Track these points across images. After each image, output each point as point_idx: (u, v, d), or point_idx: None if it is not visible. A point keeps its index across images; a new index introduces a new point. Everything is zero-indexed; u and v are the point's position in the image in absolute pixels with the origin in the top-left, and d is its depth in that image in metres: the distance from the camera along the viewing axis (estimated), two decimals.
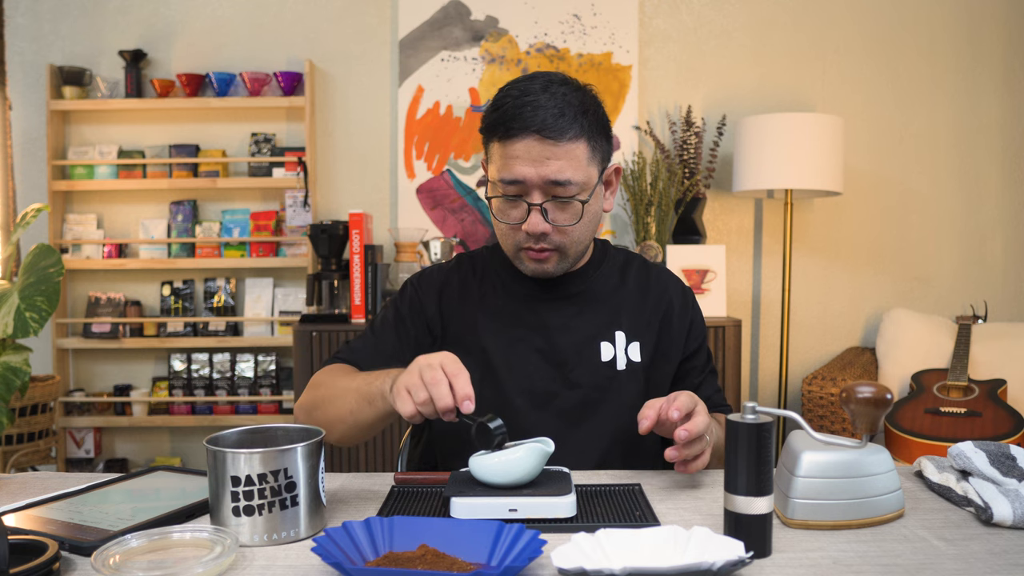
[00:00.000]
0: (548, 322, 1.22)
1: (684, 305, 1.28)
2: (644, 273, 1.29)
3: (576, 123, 1.10)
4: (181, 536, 0.80)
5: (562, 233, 1.14)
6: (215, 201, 2.98)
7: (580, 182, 1.11)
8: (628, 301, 1.25)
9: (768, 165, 2.56)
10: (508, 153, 1.11)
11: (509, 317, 1.23)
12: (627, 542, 0.74)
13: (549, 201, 1.11)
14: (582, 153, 1.11)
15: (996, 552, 0.78)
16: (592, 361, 1.20)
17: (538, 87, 1.11)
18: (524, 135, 1.09)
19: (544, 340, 1.21)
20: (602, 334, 1.22)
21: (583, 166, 1.12)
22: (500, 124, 1.11)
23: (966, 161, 2.95)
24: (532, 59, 2.88)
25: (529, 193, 1.11)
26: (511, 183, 1.11)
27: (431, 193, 2.90)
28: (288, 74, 2.85)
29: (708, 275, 2.61)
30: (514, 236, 1.16)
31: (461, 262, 1.30)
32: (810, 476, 0.86)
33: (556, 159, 1.09)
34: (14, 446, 2.57)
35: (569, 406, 1.19)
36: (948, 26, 2.91)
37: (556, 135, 1.09)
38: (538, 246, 1.14)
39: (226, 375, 2.90)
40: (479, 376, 1.20)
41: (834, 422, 2.40)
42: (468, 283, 1.27)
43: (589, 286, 1.25)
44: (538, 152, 1.09)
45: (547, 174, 1.09)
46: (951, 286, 2.97)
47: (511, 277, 1.25)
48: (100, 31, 2.93)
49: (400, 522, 0.78)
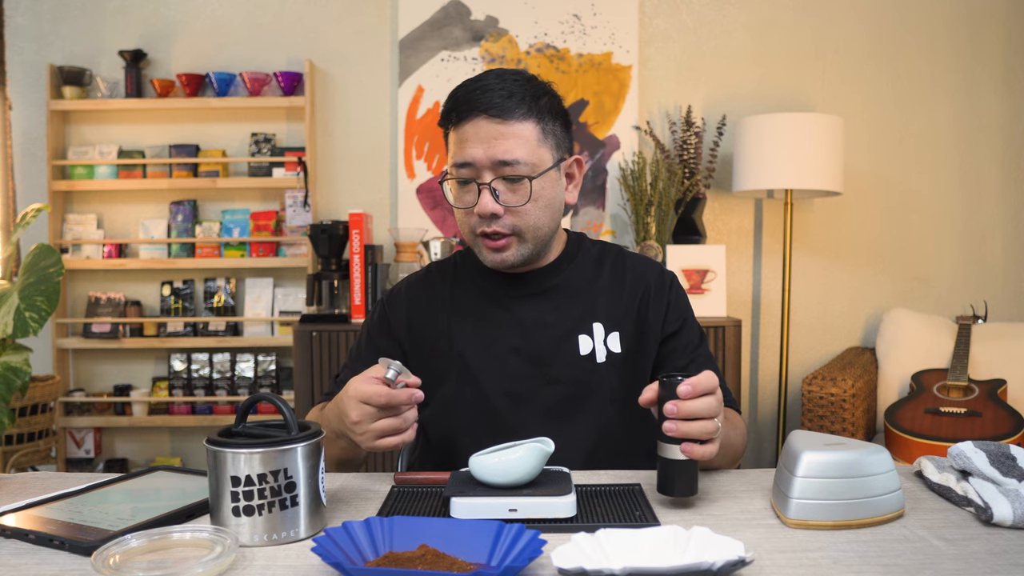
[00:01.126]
0: (523, 319, 1.21)
1: (661, 287, 1.24)
2: (620, 263, 1.27)
3: (524, 104, 1.12)
4: (181, 536, 0.80)
5: (515, 215, 1.13)
6: (215, 201, 2.98)
7: (530, 162, 1.12)
8: (604, 291, 1.23)
9: (768, 165, 2.56)
10: (460, 137, 1.13)
11: (483, 318, 1.22)
12: (627, 542, 0.74)
13: (498, 181, 1.12)
14: (531, 134, 1.12)
15: (996, 552, 0.78)
16: (571, 355, 1.19)
17: (491, 76, 1.14)
18: (473, 116, 1.11)
19: (520, 338, 1.20)
20: (579, 327, 1.20)
21: (532, 147, 1.12)
22: (452, 111, 1.14)
23: (966, 161, 2.95)
24: (532, 59, 2.88)
25: (479, 174, 1.12)
26: (462, 166, 1.13)
27: (431, 193, 2.90)
28: (288, 74, 2.85)
29: (708, 275, 2.61)
30: (469, 222, 1.16)
31: (430, 272, 1.30)
32: (810, 476, 0.86)
33: (504, 139, 1.11)
34: (14, 446, 2.57)
35: (551, 403, 1.17)
36: (948, 26, 2.91)
37: (504, 114, 1.11)
38: (491, 229, 1.13)
39: (226, 375, 2.90)
40: (457, 381, 1.20)
41: (834, 422, 2.41)
42: (438, 292, 1.26)
43: (563, 279, 1.23)
44: (486, 132, 1.11)
45: (495, 154, 1.10)
46: (951, 286, 2.97)
47: (482, 277, 1.25)
48: (100, 31, 2.93)
49: (400, 522, 0.78)
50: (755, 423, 2.99)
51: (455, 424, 1.19)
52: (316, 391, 2.44)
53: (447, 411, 1.21)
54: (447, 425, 1.21)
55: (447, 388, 1.21)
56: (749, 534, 0.84)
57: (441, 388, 1.21)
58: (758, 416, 2.99)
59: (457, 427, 1.19)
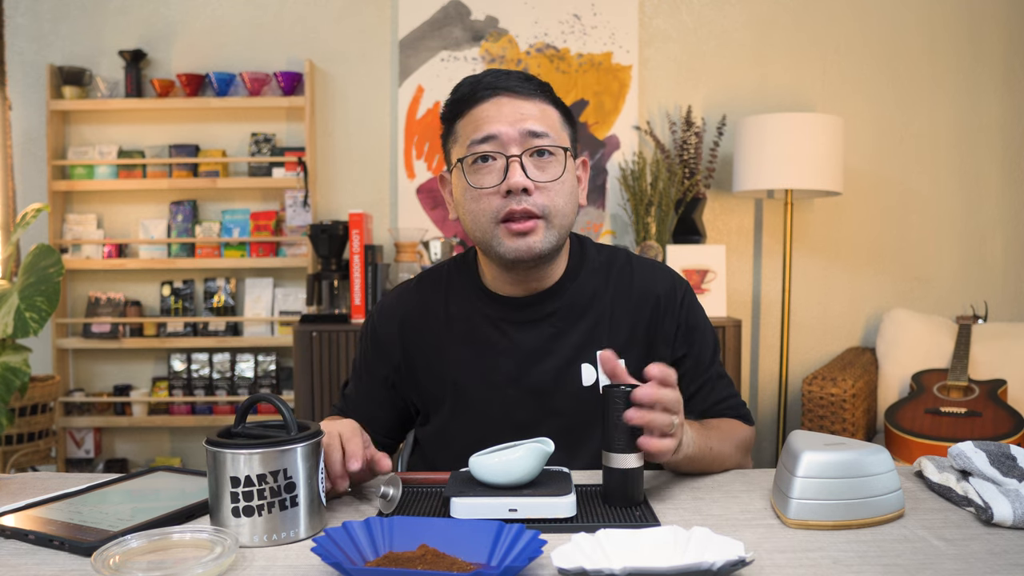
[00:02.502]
0: (523, 347, 1.13)
1: (671, 303, 1.16)
2: (627, 273, 1.17)
3: (542, 91, 1.08)
4: (181, 536, 0.80)
5: (545, 194, 1.04)
6: (215, 201, 2.98)
7: (557, 137, 1.06)
8: (609, 310, 1.14)
9: (768, 165, 2.56)
10: (477, 116, 1.05)
11: (480, 343, 1.14)
12: (627, 542, 0.74)
13: (527, 155, 1.04)
14: (554, 115, 1.08)
15: (996, 552, 0.78)
16: (572, 387, 1.12)
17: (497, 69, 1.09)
18: (493, 95, 1.05)
19: (519, 368, 1.12)
20: (581, 356, 1.12)
21: (557, 126, 1.08)
22: (465, 96, 1.07)
23: (966, 161, 2.95)
24: (532, 59, 2.88)
25: (506, 147, 1.03)
26: (484, 140, 1.04)
27: (431, 193, 2.90)
28: (288, 74, 2.85)
29: (708, 275, 2.61)
30: (491, 206, 1.04)
31: (422, 282, 1.21)
32: (810, 476, 0.86)
33: (530, 113, 1.05)
34: (14, 446, 2.57)
35: (550, 434, 1.08)
36: (948, 26, 2.91)
37: (527, 93, 1.06)
38: (520, 207, 1.02)
39: (226, 375, 2.90)
40: (451, 410, 1.15)
41: (834, 422, 2.40)
42: (431, 307, 1.18)
43: (565, 302, 1.13)
44: (510, 108, 1.04)
45: (523, 124, 1.04)
46: (951, 286, 2.97)
47: (479, 297, 1.15)
48: (100, 31, 2.93)
49: (400, 522, 0.78)
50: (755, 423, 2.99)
51: (451, 453, 1.15)
52: (316, 391, 2.44)
53: (443, 439, 1.18)
54: (443, 452, 1.18)
55: (442, 416, 1.17)
56: (749, 534, 0.84)
57: (438, 414, 1.18)
58: (758, 416, 2.99)
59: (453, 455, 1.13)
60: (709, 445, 1.04)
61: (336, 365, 2.44)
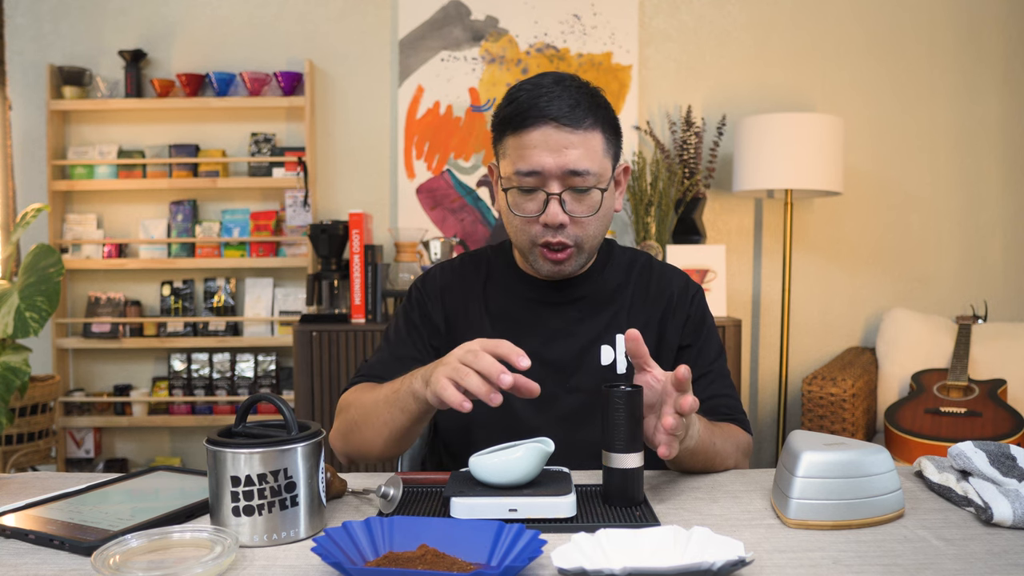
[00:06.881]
0: (551, 327, 1.21)
1: (683, 299, 1.25)
2: (647, 272, 1.27)
3: (591, 114, 1.10)
4: (181, 536, 0.80)
5: (579, 226, 1.12)
6: (215, 201, 2.98)
7: (597, 172, 1.10)
8: (629, 302, 1.24)
9: (768, 165, 2.56)
10: (524, 143, 1.09)
11: (512, 321, 1.22)
12: (627, 542, 0.74)
13: (567, 191, 1.10)
14: (598, 144, 1.11)
15: (996, 552, 0.78)
16: (592, 366, 1.19)
17: (550, 81, 1.11)
18: (540, 123, 1.08)
19: (545, 345, 1.20)
20: (603, 338, 1.21)
21: (599, 157, 1.11)
22: (515, 115, 1.10)
23: (966, 161, 2.95)
24: (532, 59, 2.88)
25: (547, 183, 1.10)
26: (528, 174, 1.10)
27: (431, 193, 2.90)
28: (288, 74, 2.85)
29: (708, 275, 2.61)
30: (530, 230, 1.13)
31: (464, 262, 1.30)
32: (810, 476, 0.86)
33: (574, 148, 1.08)
34: (14, 446, 2.57)
35: (569, 410, 1.18)
36: (948, 26, 2.91)
37: (573, 123, 1.08)
38: (556, 239, 1.12)
39: (226, 375, 2.90)
40: None
41: (834, 422, 2.41)
42: (472, 284, 1.27)
43: (593, 289, 1.24)
44: (555, 141, 1.08)
45: (565, 163, 1.08)
46: (951, 286, 2.97)
47: (516, 279, 1.25)
48: (100, 31, 2.93)
49: (400, 522, 0.78)
50: (755, 423, 2.99)
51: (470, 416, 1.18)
52: (316, 391, 2.45)
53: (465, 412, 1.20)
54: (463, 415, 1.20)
55: None
56: (749, 534, 0.84)
57: None
58: (758, 416, 2.99)
59: (472, 418, 1.16)
60: (712, 440, 1.07)
61: (336, 365, 2.44)
